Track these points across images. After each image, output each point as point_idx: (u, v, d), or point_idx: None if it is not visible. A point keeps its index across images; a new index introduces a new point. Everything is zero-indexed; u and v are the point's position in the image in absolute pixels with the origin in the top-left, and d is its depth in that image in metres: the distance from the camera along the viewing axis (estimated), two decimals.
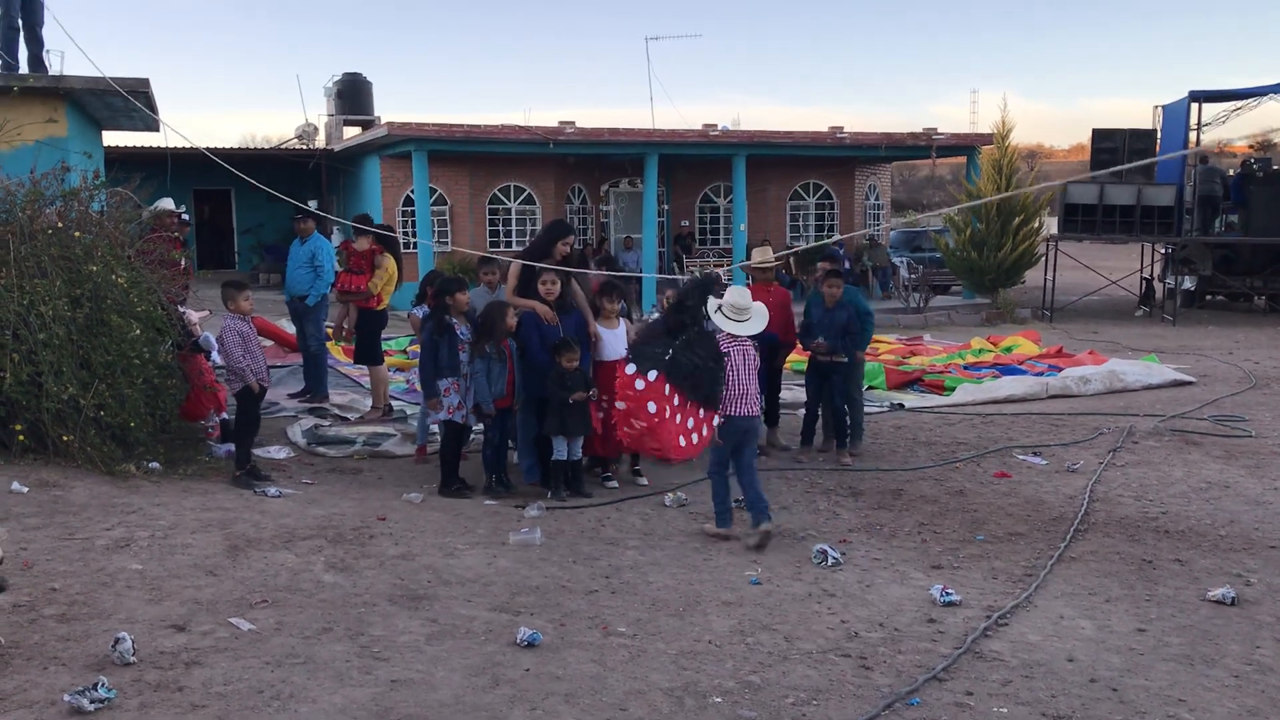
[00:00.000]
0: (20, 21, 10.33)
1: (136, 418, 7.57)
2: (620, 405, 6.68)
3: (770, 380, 9.49)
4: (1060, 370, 13.17)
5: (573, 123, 21.80)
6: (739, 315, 6.87)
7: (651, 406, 6.51)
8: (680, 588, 5.80)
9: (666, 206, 25.83)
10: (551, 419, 7.68)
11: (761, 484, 6.91)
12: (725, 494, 6.88)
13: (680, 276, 8.21)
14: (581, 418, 7.66)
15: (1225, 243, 21.63)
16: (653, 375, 6.53)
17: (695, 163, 24.82)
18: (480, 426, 8.09)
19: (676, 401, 6.57)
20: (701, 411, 6.68)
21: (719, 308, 6.83)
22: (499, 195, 24.02)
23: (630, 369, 6.63)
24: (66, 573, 5.45)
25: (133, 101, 10.17)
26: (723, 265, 23.38)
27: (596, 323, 8.12)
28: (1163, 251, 22.61)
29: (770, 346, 9.26)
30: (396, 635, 4.94)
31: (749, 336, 6.91)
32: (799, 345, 9.50)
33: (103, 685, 4.09)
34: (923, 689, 4.57)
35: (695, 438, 6.68)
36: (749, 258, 10.57)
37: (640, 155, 22.24)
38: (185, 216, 10.79)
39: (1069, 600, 5.76)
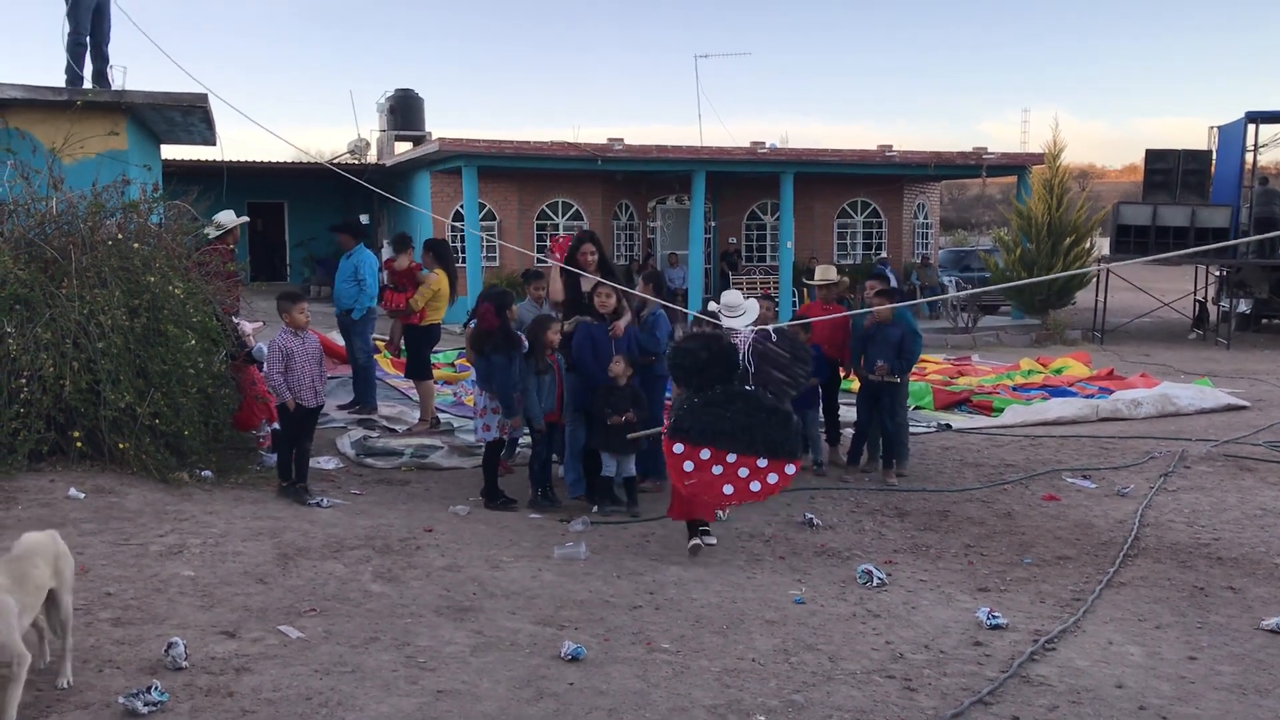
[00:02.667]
0: (88, 38, 10.58)
1: (190, 426, 7.71)
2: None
3: (829, 400, 9.49)
4: (1111, 393, 13.01)
5: (621, 140, 21.93)
6: (733, 312, 7.34)
7: (688, 466, 6.48)
8: (724, 605, 5.80)
9: (713, 223, 25.88)
10: (597, 434, 7.72)
11: None
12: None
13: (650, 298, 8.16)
14: (626, 437, 7.65)
15: None
16: (679, 449, 6.50)
17: (742, 180, 24.85)
18: (528, 439, 8.14)
19: (708, 455, 6.50)
20: (762, 462, 6.52)
21: (719, 311, 7.30)
22: (547, 211, 24.18)
23: (676, 448, 6.54)
24: (121, 578, 5.56)
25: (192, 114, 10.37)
26: (769, 282, 23.40)
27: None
28: (1217, 274, 22.27)
29: (831, 367, 9.27)
30: (442, 646, 4.98)
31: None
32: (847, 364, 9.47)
33: (156, 689, 4.17)
34: (968, 713, 4.54)
35: (756, 485, 6.54)
36: (810, 275, 10.54)
37: (687, 172, 22.31)
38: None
39: (1118, 626, 5.69)
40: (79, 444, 7.31)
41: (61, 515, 6.51)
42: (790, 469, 6.57)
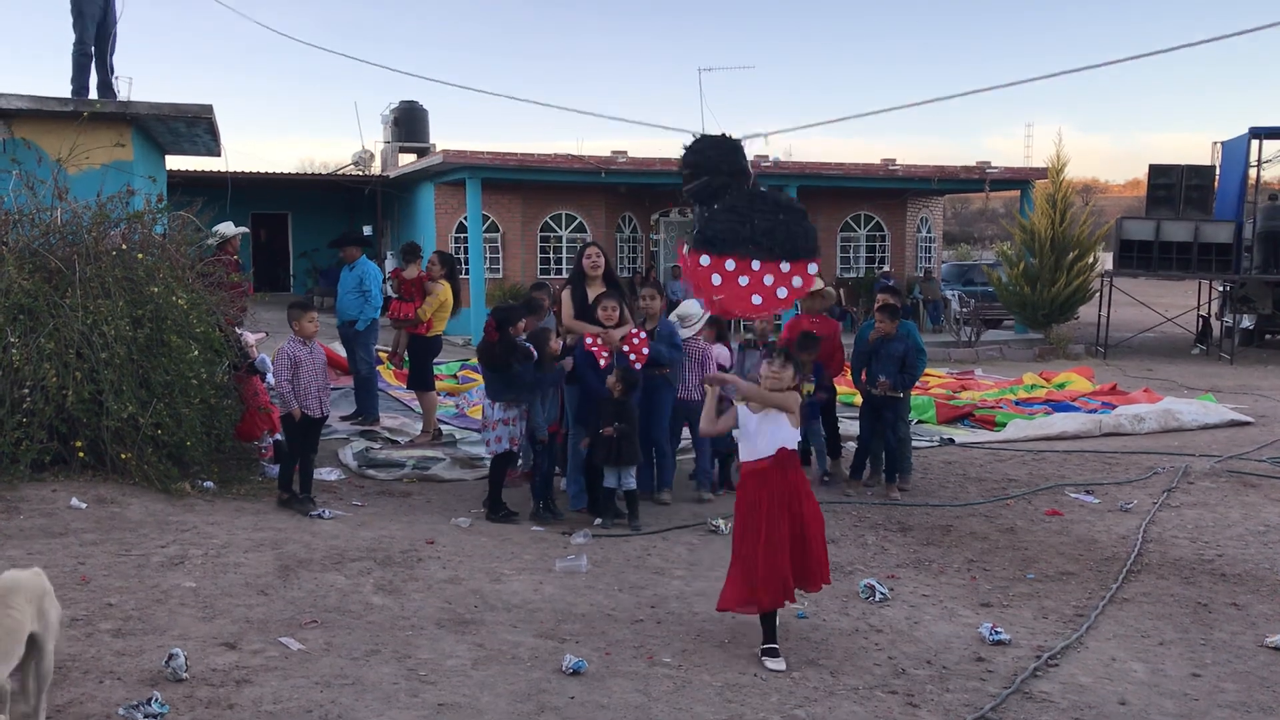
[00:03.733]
0: (93, 49, 10.61)
1: (193, 437, 7.71)
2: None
3: (828, 413, 9.48)
4: (1114, 408, 13.00)
5: (624, 152, 21.98)
6: (686, 323, 8.52)
7: (716, 279, 6.63)
8: (725, 619, 5.78)
9: None
10: (599, 447, 7.71)
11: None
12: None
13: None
14: (606, 449, 7.63)
15: None
16: (705, 260, 6.67)
17: None
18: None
19: (733, 266, 6.63)
20: (785, 265, 6.67)
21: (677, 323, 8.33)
22: (550, 223, 24.21)
23: (703, 260, 6.67)
24: (122, 589, 5.55)
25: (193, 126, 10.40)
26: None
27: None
28: (1220, 289, 22.26)
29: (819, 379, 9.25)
30: (443, 659, 4.97)
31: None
32: (847, 376, 9.48)
33: (156, 700, 4.17)
34: None
35: (783, 291, 6.69)
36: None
37: None
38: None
39: (1121, 642, 5.67)
40: (81, 454, 7.31)
41: (63, 525, 6.51)
42: (813, 268, 6.68)
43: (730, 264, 6.34)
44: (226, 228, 10.73)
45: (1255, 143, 20.73)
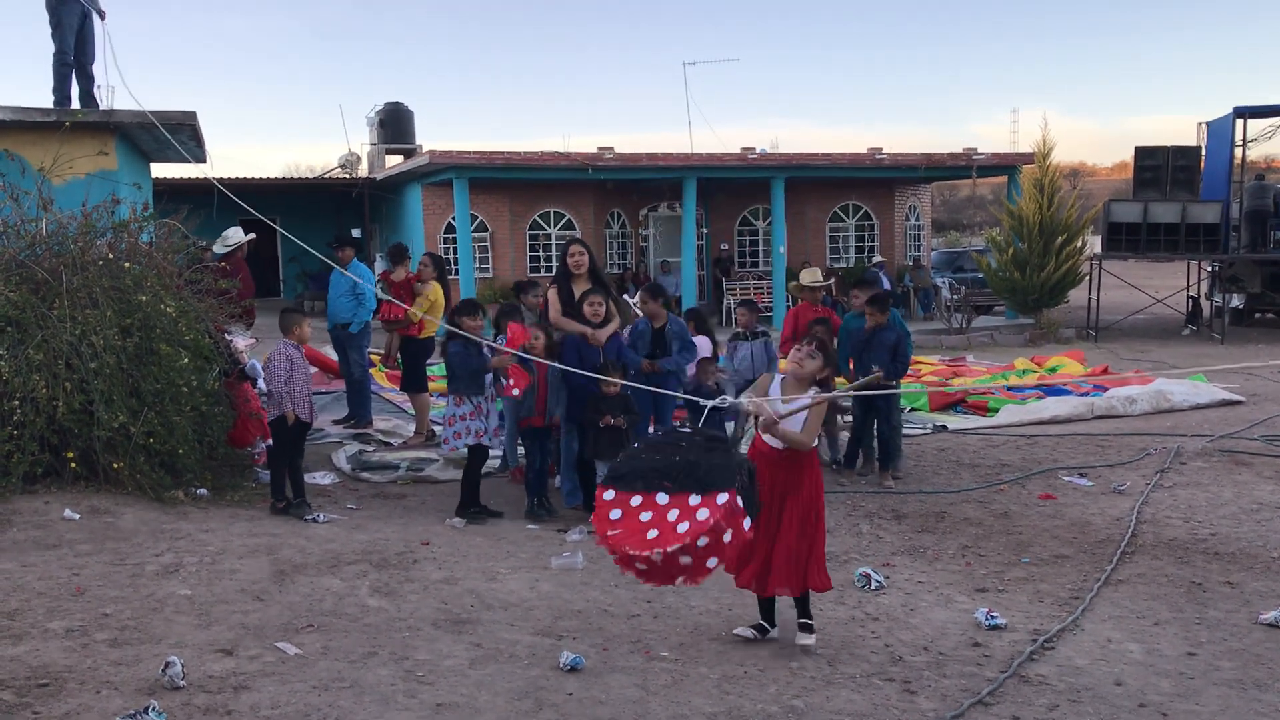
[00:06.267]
0: (72, 58, 10.58)
1: (185, 445, 7.69)
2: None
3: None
4: (1106, 390, 13.02)
5: (611, 148, 21.97)
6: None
7: (615, 514, 5.10)
8: (723, 612, 5.79)
9: (705, 230, 25.90)
10: (589, 443, 7.72)
11: None
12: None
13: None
14: (615, 443, 7.64)
15: (1275, 260, 21.31)
16: (609, 495, 5.44)
17: (734, 186, 24.89)
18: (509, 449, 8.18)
19: (638, 501, 5.49)
20: (694, 499, 5.02)
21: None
22: (539, 221, 24.20)
23: (607, 494, 5.22)
24: (118, 598, 5.55)
25: (171, 136, 10.36)
26: (761, 288, 23.43)
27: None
28: (1209, 269, 22.33)
29: None
30: (440, 659, 4.97)
31: None
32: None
33: (153, 709, 4.16)
34: (968, 713, 4.53)
35: (684, 525, 4.91)
36: (793, 279, 10.66)
37: (679, 179, 22.34)
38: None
39: (1116, 623, 5.69)
40: (73, 465, 7.30)
41: (57, 536, 6.50)
42: (722, 498, 5.02)
43: (636, 499, 5.23)
44: (235, 233, 10.72)
45: (1240, 122, 20.79)
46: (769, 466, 5.29)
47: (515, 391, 7.69)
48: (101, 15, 10.88)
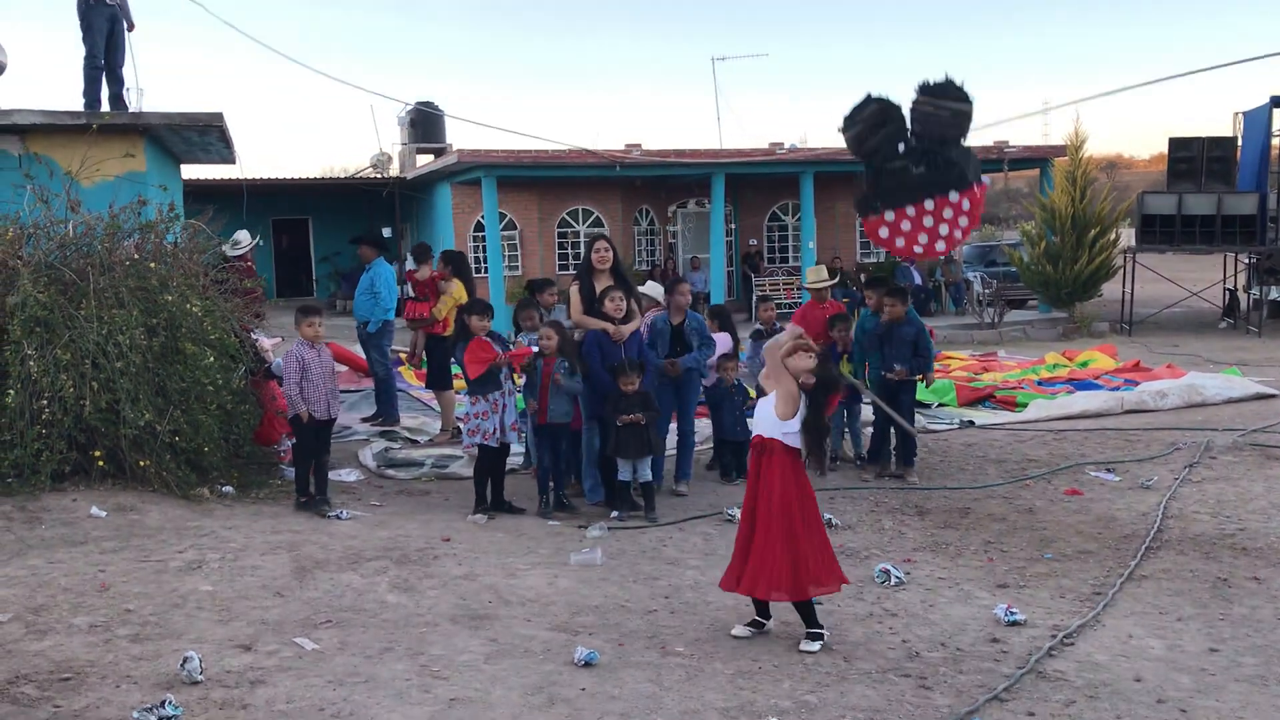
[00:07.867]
0: (103, 62, 10.71)
1: (210, 443, 7.78)
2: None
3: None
4: (1137, 385, 12.87)
5: (639, 145, 21.95)
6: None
7: (884, 232, 7.47)
8: (739, 607, 5.77)
9: (734, 226, 25.84)
10: (623, 438, 7.72)
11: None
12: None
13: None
14: (638, 440, 7.65)
15: None
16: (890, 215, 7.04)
17: (762, 182, 24.81)
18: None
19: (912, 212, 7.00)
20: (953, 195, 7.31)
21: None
22: (567, 219, 24.25)
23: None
24: (141, 594, 5.62)
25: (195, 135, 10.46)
26: (791, 284, 23.34)
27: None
28: (1246, 261, 22.01)
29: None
30: (456, 654, 5.00)
31: None
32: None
33: (170, 703, 4.21)
34: (983, 709, 4.50)
35: (947, 226, 7.14)
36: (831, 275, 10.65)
37: (707, 175, 22.29)
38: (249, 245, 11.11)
39: (1138, 619, 5.63)
40: (100, 463, 7.40)
41: (84, 534, 6.59)
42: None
43: (904, 211, 7.05)
44: (243, 235, 10.91)
45: (1277, 111, 20.44)
46: (752, 452, 5.44)
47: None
48: (131, 27, 11.03)
